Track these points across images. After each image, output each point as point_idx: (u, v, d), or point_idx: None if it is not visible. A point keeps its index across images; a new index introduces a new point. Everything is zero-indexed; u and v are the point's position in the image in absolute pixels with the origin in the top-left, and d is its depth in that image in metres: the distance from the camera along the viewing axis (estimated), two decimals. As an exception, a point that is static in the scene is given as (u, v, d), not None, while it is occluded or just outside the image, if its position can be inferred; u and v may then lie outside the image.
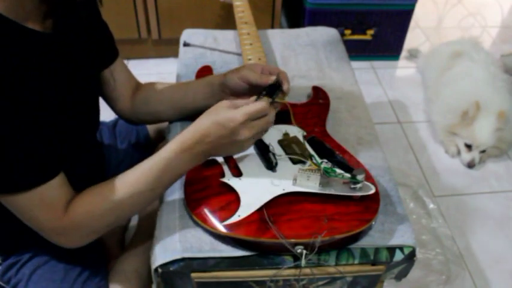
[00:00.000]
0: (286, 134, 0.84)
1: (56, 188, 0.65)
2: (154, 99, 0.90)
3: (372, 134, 0.91)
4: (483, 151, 1.66)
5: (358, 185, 0.71)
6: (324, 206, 0.71)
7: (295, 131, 0.84)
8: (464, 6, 2.70)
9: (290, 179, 0.74)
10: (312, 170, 0.72)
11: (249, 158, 0.78)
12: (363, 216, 0.71)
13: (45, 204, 0.64)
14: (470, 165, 1.66)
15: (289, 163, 0.77)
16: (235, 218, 0.69)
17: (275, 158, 0.76)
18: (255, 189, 0.72)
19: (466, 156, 1.67)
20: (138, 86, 0.92)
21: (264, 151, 0.77)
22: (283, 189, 0.72)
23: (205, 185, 0.74)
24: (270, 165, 0.76)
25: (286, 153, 0.79)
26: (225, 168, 0.75)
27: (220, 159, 0.77)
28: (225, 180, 0.73)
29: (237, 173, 0.75)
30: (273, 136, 0.83)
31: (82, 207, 0.67)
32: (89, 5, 0.77)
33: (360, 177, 0.71)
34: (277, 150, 0.80)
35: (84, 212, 0.67)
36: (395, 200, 0.79)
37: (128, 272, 0.86)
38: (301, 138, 0.82)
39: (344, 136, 0.90)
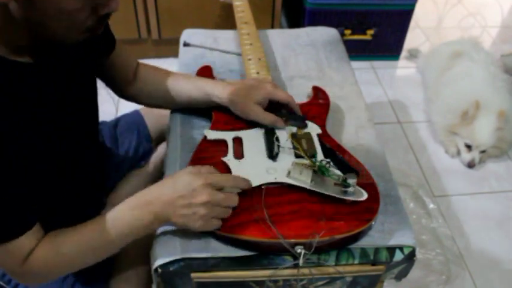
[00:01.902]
0: (300, 129, 0.85)
1: (23, 239, 0.64)
2: (154, 94, 0.92)
3: (372, 134, 0.91)
4: (483, 151, 1.66)
5: (349, 189, 0.71)
6: (324, 206, 0.71)
7: (314, 128, 0.86)
8: (464, 6, 2.70)
9: (286, 171, 0.75)
10: (306, 165, 0.73)
11: (256, 145, 0.81)
12: (362, 216, 0.71)
13: (7, 250, 0.64)
14: (471, 165, 1.66)
15: (293, 157, 0.78)
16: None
17: (278, 149, 0.78)
18: (248, 172, 0.74)
19: (466, 156, 1.67)
20: (137, 67, 0.93)
21: (269, 140, 0.80)
22: (275, 178, 0.74)
23: None
24: (271, 154, 0.78)
25: (293, 147, 0.80)
26: (230, 151, 0.79)
27: (230, 142, 0.80)
28: (225, 159, 0.76)
29: (239, 156, 0.78)
30: (289, 128, 0.85)
31: (38, 260, 0.66)
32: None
33: (350, 181, 0.71)
34: (288, 142, 0.81)
35: (42, 265, 0.67)
36: (395, 200, 0.79)
37: (128, 272, 0.86)
38: (314, 136, 0.83)
39: (344, 136, 0.90)
